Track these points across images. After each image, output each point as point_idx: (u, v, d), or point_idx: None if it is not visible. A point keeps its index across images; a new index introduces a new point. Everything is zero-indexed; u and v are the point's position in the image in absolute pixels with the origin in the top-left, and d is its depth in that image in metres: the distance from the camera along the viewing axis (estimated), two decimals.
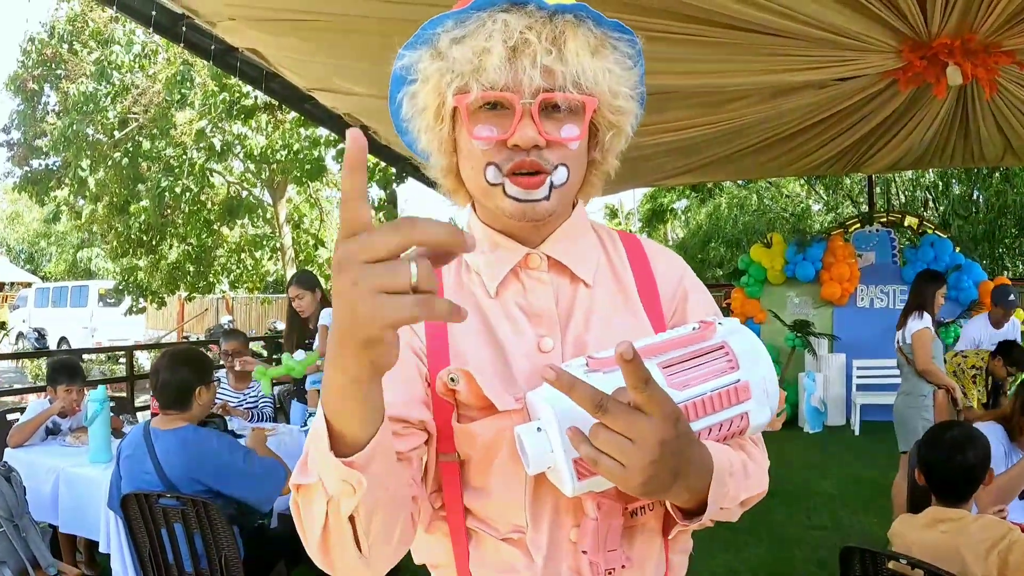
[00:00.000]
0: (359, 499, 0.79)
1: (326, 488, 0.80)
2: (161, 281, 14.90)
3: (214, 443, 2.94)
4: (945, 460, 2.42)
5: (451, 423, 0.98)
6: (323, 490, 0.81)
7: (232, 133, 13.06)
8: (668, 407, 0.78)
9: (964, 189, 16.17)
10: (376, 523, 0.83)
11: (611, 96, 0.99)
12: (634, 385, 0.76)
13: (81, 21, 13.59)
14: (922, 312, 4.83)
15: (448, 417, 0.98)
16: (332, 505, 0.81)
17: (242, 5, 3.69)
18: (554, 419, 0.84)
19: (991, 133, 6.22)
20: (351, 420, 0.76)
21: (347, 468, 0.76)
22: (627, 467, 0.77)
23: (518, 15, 0.94)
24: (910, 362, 4.83)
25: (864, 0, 3.51)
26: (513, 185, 0.98)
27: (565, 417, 0.83)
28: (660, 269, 1.14)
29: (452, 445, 0.99)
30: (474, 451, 0.98)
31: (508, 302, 1.05)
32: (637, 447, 0.77)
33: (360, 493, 0.78)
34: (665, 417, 0.77)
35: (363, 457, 0.76)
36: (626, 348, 0.74)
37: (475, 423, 0.97)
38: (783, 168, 8.06)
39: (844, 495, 6.01)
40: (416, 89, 1.02)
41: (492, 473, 0.99)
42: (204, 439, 2.95)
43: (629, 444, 0.77)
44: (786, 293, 9.60)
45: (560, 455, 0.84)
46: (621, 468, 0.78)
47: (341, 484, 0.77)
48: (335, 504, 0.81)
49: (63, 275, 27.67)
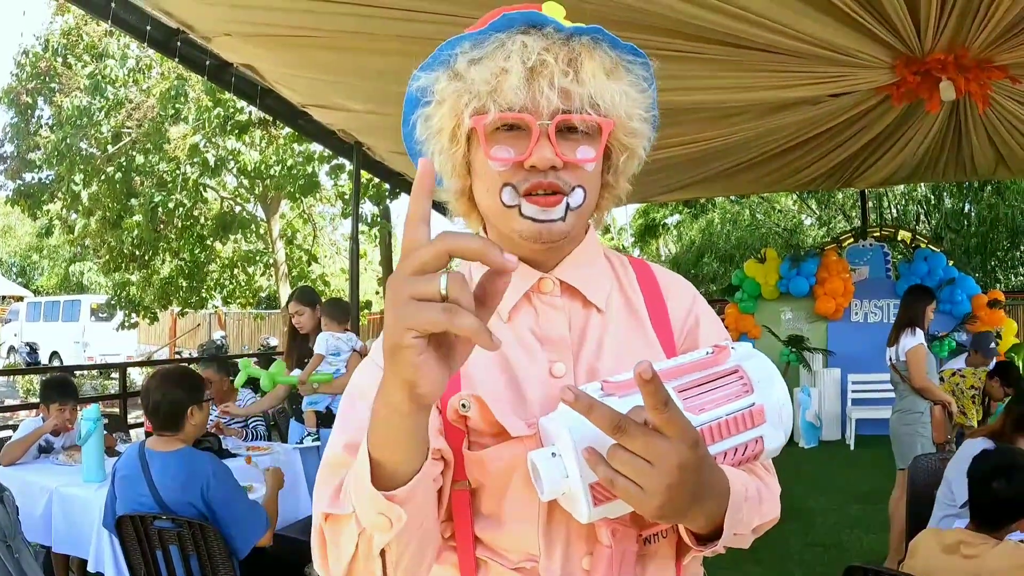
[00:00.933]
0: (395, 533, 0.79)
1: (359, 520, 0.80)
2: (153, 296, 14.81)
3: (208, 468, 2.89)
4: (983, 483, 2.36)
5: (462, 450, 0.96)
6: (356, 522, 0.81)
7: (226, 148, 13.03)
8: (688, 430, 0.77)
9: (956, 203, 16.26)
10: (407, 557, 0.84)
11: (626, 118, 0.99)
12: (654, 406, 0.75)
13: (76, 34, 13.55)
14: (914, 328, 4.82)
15: (459, 444, 0.97)
16: (363, 537, 0.82)
17: (237, 21, 3.70)
18: (571, 443, 0.83)
19: (983, 147, 6.26)
20: (394, 453, 0.77)
21: (387, 502, 0.77)
22: (645, 489, 0.77)
23: (536, 37, 0.94)
24: (904, 379, 4.81)
25: (858, 16, 3.53)
26: (530, 204, 0.97)
27: (582, 441, 0.82)
28: (671, 295, 1.14)
29: (463, 473, 0.97)
30: (486, 479, 0.97)
31: (520, 327, 1.04)
32: (656, 469, 0.76)
33: (397, 528, 0.78)
34: (684, 440, 0.77)
35: (405, 492, 0.77)
36: (645, 368, 0.73)
37: (487, 450, 0.95)
38: (777, 183, 8.10)
39: (842, 511, 6.00)
40: (431, 111, 1.01)
41: (504, 501, 0.97)
42: (199, 462, 2.91)
43: (647, 466, 0.76)
44: (780, 308, 9.63)
45: (576, 480, 0.83)
46: (639, 490, 0.77)
47: (377, 517, 0.78)
48: (367, 537, 0.81)
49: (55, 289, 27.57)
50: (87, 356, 19.46)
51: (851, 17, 3.53)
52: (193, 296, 15.20)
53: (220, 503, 2.85)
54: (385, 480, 0.77)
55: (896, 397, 4.98)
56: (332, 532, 0.85)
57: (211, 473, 2.88)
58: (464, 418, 0.95)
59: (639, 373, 0.73)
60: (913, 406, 4.78)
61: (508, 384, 0.99)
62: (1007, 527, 2.35)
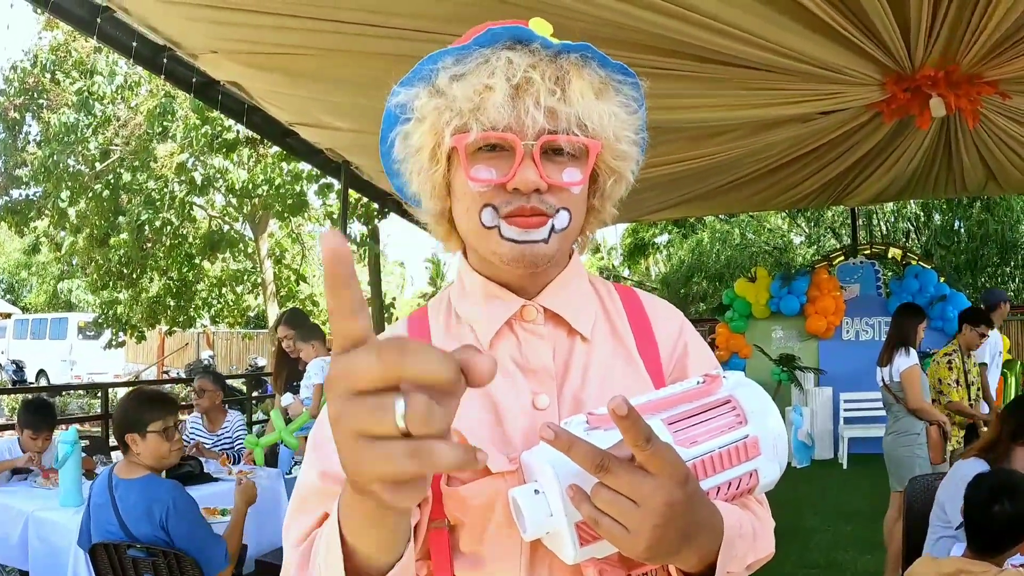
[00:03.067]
0: None
1: None
2: (141, 314, 14.74)
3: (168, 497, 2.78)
4: (983, 507, 2.30)
5: (439, 486, 0.91)
6: None
7: (213, 166, 12.99)
8: (676, 466, 0.73)
9: (946, 219, 16.34)
10: None
11: (615, 140, 0.95)
12: (634, 442, 0.70)
13: (64, 50, 13.53)
14: (908, 348, 4.78)
15: (436, 480, 0.91)
16: None
17: (223, 38, 3.66)
18: (555, 480, 0.78)
19: (974, 163, 6.26)
20: (369, 545, 0.70)
21: None
22: (631, 530, 0.72)
23: (522, 53, 0.90)
24: (899, 400, 4.76)
25: (847, 33, 3.52)
26: (510, 226, 0.92)
27: (566, 477, 0.77)
28: (659, 323, 1.08)
29: (441, 511, 0.92)
30: (465, 516, 0.91)
31: (502, 356, 0.99)
32: (641, 509, 0.71)
33: None
34: (672, 477, 0.72)
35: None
36: (618, 403, 0.68)
37: (466, 486, 0.90)
38: (767, 202, 8.09)
39: (836, 531, 5.95)
40: (411, 128, 0.96)
41: (485, 539, 0.92)
42: (159, 491, 2.80)
43: (632, 506, 0.72)
44: (771, 327, 9.62)
45: (561, 519, 0.78)
46: (624, 531, 0.72)
47: None
48: None
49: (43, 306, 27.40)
50: (74, 375, 19.29)
51: (840, 34, 3.52)
52: (181, 315, 15.15)
53: (179, 535, 2.75)
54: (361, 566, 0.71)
55: (890, 418, 4.91)
56: None
57: (171, 503, 2.76)
58: None
59: (612, 409, 0.68)
60: (910, 427, 4.72)
61: (489, 416, 0.94)
62: (1008, 551, 2.30)
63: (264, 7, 3.23)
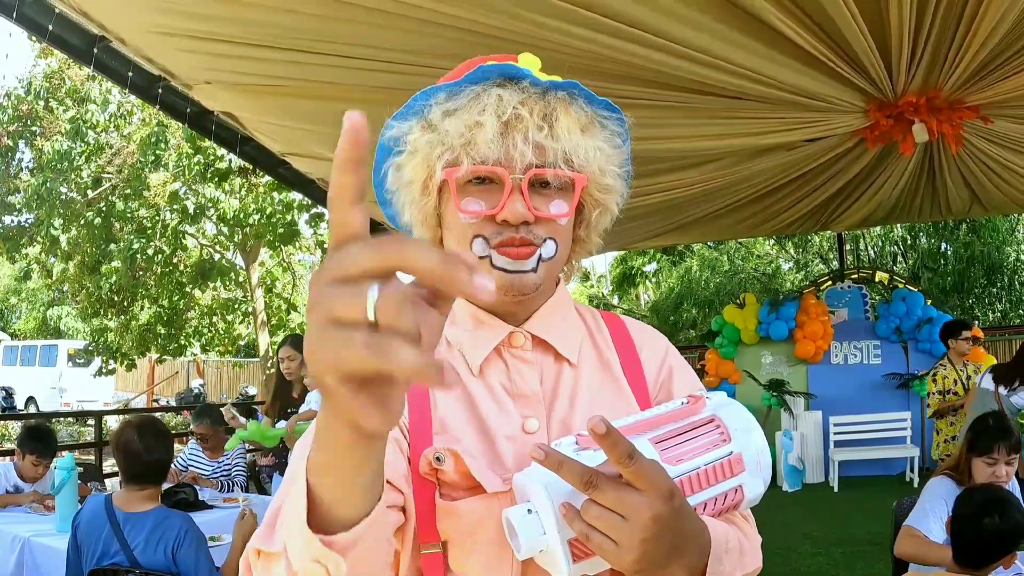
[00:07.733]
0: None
1: (290, 562, 0.68)
2: (132, 342, 14.66)
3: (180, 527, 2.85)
4: (972, 521, 2.34)
5: (432, 504, 0.94)
6: (286, 562, 0.69)
7: (205, 196, 13.02)
8: (661, 482, 0.77)
9: (932, 242, 16.46)
10: None
11: (600, 174, 0.99)
12: (617, 460, 0.74)
13: (58, 78, 13.57)
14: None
15: (431, 500, 0.94)
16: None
17: (217, 69, 3.71)
18: (547, 499, 0.81)
19: (957, 186, 6.35)
20: (335, 485, 0.65)
21: (324, 548, 0.65)
22: (619, 544, 0.76)
23: (512, 90, 0.94)
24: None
25: (829, 62, 3.59)
26: (500, 256, 0.96)
27: (559, 496, 0.81)
28: (644, 348, 1.13)
29: (435, 534, 0.94)
30: (457, 532, 0.94)
31: (492, 381, 1.02)
32: (629, 524, 0.75)
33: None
34: (658, 492, 0.76)
35: (347, 538, 0.65)
36: (597, 423, 0.72)
37: (461, 501, 0.93)
38: (754, 229, 8.17)
39: (828, 554, 5.94)
40: (403, 161, 1.00)
41: (476, 558, 0.94)
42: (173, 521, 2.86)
43: (620, 520, 0.75)
44: (760, 353, 9.64)
45: (554, 536, 0.81)
46: (614, 546, 0.76)
47: (311, 564, 0.66)
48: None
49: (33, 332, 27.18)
50: (64, 402, 19.12)
51: (823, 63, 3.60)
52: (171, 343, 15.08)
53: (186, 565, 2.80)
54: (325, 519, 0.65)
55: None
56: (262, 569, 0.75)
57: (183, 533, 2.83)
58: (436, 471, 0.93)
59: (592, 428, 0.72)
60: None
61: (481, 438, 0.98)
62: (992, 565, 2.34)
63: (257, 40, 3.29)
